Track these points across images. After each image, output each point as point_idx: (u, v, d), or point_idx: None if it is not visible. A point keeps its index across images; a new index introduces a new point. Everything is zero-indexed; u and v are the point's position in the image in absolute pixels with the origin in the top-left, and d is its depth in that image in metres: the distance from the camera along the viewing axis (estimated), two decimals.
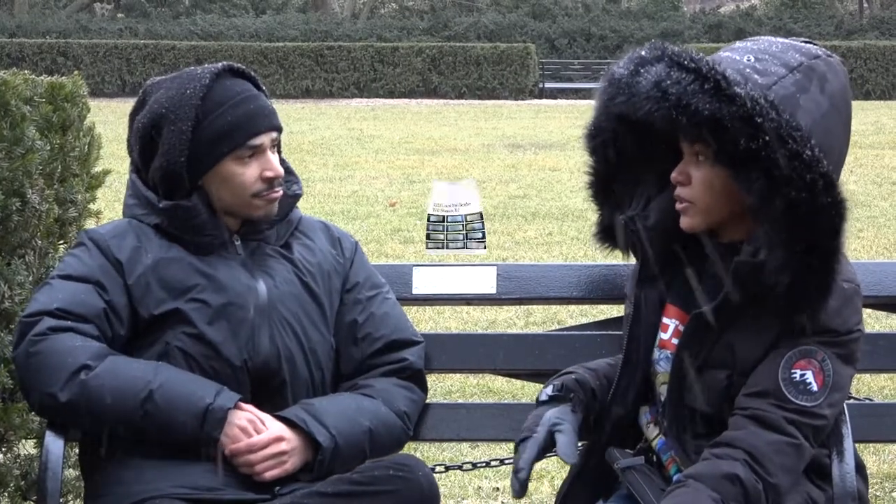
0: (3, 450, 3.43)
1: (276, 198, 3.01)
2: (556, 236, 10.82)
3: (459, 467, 4.00)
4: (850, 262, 2.71)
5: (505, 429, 3.24)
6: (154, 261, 2.94)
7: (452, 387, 6.17)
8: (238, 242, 3.02)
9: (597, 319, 3.45)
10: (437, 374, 4.25)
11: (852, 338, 2.66)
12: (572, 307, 7.24)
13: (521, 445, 2.76)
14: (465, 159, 17.16)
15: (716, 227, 2.73)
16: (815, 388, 2.61)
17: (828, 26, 39.23)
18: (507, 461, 3.91)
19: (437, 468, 3.71)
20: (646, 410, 2.84)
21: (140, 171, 3.03)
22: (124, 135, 3.10)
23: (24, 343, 2.84)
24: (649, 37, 34.31)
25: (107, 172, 3.83)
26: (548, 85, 35.59)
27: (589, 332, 3.32)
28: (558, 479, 4.61)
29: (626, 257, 2.92)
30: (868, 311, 2.98)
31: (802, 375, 2.61)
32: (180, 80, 2.98)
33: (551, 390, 2.83)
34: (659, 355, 2.79)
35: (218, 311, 2.93)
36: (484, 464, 4.00)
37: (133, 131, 3.02)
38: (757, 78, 2.59)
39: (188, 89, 2.95)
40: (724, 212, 2.68)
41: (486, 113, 27.55)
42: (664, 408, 2.74)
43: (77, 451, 3.12)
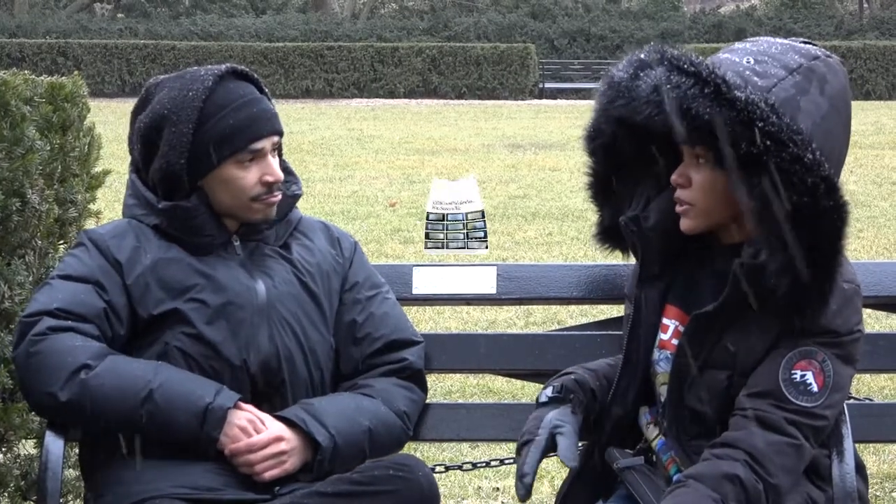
0: (3, 450, 3.43)
1: (275, 202, 3.01)
2: (556, 236, 10.82)
3: (459, 467, 3.99)
4: (850, 263, 2.70)
5: (505, 429, 3.24)
6: (153, 261, 2.94)
7: (452, 387, 6.17)
8: (237, 243, 3.02)
9: (597, 319, 3.45)
10: (437, 374, 4.24)
11: (853, 338, 2.66)
12: (572, 307, 7.24)
13: (523, 449, 2.76)
14: (465, 159, 17.15)
15: (716, 229, 2.73)
16: (815, 388, 2.61)
17: (828, 26, 39.20)
18: (507, 461, 3.91)
19: (437, 468, 3.71)
20: (646, 411, 2.84)
21: (140, 170, 3.04)
22: (124, 135, 3.10)
23: (24, 343, 2.84)
24: (649, 37, 34.37)
25: (107, 172, 3.83)
26: (548, 85, 35.57)
27: (589, 332, 3.32)
28: (558, 479, 4.61)
29: (626, 257, 2.92)
30: (868, 311, 2.98)
31: (803, 376, 2.61)
32: (183, 81, 2.98)
33: (551, 392, 2.83)
34: (659, 356, 2.79)
35: (217, 311, 2.93)
36: (484, 464, 4.00)
37: (134, 130, 3.03)
38: (756, 80, 2.58)
39: (191, 91, 2.94)
40: (725, 214, 2.68)
41: (486, 113, 27.53)
42: (664, 408, 2.74)
43: (77, 451, 3.12)
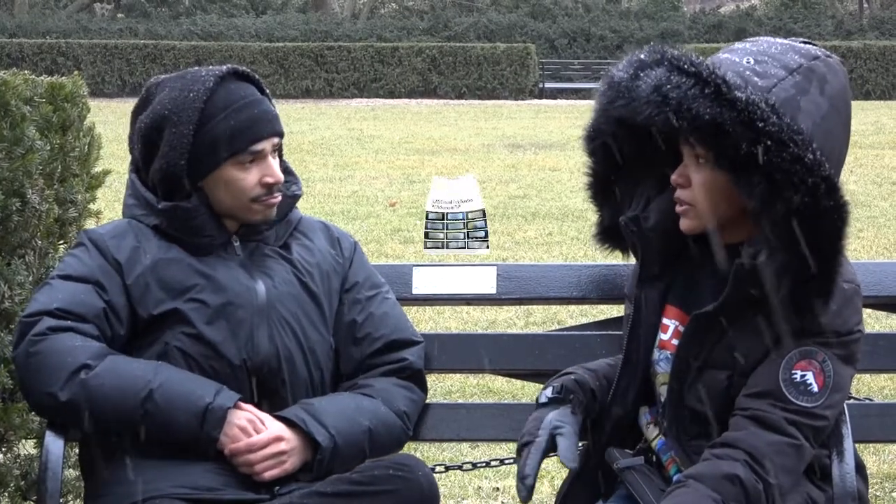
0: (3, 450, 3.43)
1: (275, 203, 3.01)
2: (556, 236, 10.82)
3: (459, 467, 3.99)
4: (850, 263, 2.70)
5: (505, 429, 3.24)
6: (153, 261, 2.94)
7: (452, 387, 6.17)
8: (237, 243, 3.02)
9: (597, 319, 3.45)
10: (437, 374, 4.24)
11: (853, 338, 2.66)
12: (572, 307, 7.24)
13: (523, 450, 2.76)
14: (465, 159, 17.15)
15: (716, 229, 2.73)
16: (815, 388, 2.61)
17: (828, 26, 39.20)
18: (507, 461, 3.91)
19: (437, 468, 3.70)
20: (646, 411, 2.84)
21: (140, 170, 3.03)
22: (124, 135, 3.10)
23: (24, 343, 2.84)
24: (649, 37, 34.35)
25: (107, 172, 3.83)
26: (548, 85, 35.57)
27: (589, 332, 3.32)
28: (558, 479, 4.61)
29: (626, 257, 2.92)
30: (868, 311, 2.98)
31: (803, 376, 2.61)
32: (184, 82, 2.98)
33: (551, 392, 2.83)
34: (659, 356, 2.79)
35: (217, 311, 2.93)
36: (484, 464, 3.99)
37: (135, 130, 3.02)
38: (756, 80, 2.58)
39: (192, 92, 2.94)
40: (725, 214, 2.68)
41: (486, 113, 27.53)
42: (664, 408, 2.74)
43: (77, 451, 3.12)
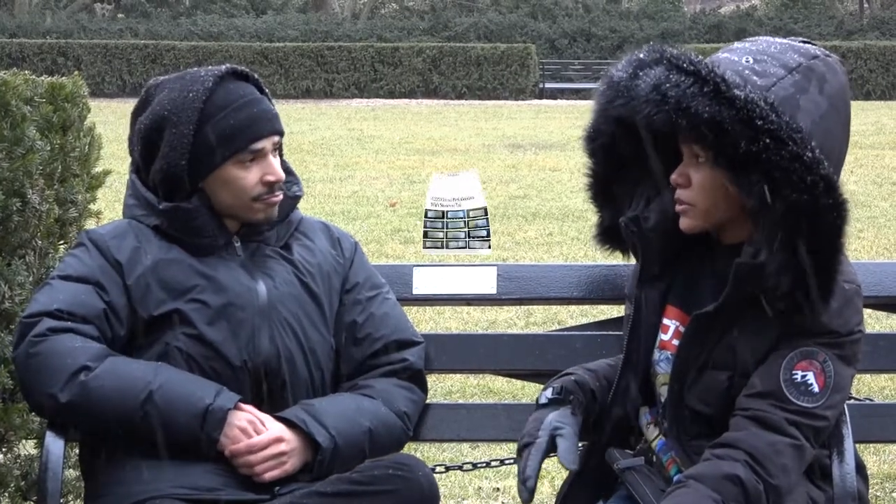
0: (4, 450, 3.43)
1: (277, 202, 3.01)
2: (556, 236, 10.82)
3: (460, 467, 3.99)
4: (850, 263, 2.70)
5: (505, 429, 3.24)
6: (154, 262, 2.94)
7: (452, 387, 6.17)
8: (238, 244, 3.02)
9: (597, 320, 3.45)
10: (438, 374, 4.24)
11: (853, 339, 2.66)
12: (572, 307, 7.23)
13: (523, 451, 2.75)
14: (466, 159, 17.15)
15: (716, 229, 2.73)
16: (816, 389, 2.61)
17: (828, 26, 39.20)
18: (507, 461, 3.91)
19: (437, 468, 3.70)
20: (646, 411, 2.83)
21: (140, 171, 3.03)
22: (124, 135, 3.10)
23: (24, 344, 2.84)
24: (649, 37, 34.35)
25: (107, 173, 3.83)
26: (548, 85, 35.58)
27: (589, 333, 3.31)
28: (558, 479, 4.61)
29: (626, 258, 2.92)
30: (868, 311, 2.97)
31: (804, 377, 2.61)
32: (183, 82, 2.98)
33: (551, 393, 2.83)
34: (659, 356, 2.79)
35: (218, 312, 2.92)
36: (484, 464, 3.99)
37: (135, 131, 3.02)
38: (756, 79, 2.58)
39: (191, 92, 2.94)
40: (724, 213, 2.68)
41: (487, 113, 27.54)
42: (664, 409, 2.74)
43: (77, 452, 3.12)
